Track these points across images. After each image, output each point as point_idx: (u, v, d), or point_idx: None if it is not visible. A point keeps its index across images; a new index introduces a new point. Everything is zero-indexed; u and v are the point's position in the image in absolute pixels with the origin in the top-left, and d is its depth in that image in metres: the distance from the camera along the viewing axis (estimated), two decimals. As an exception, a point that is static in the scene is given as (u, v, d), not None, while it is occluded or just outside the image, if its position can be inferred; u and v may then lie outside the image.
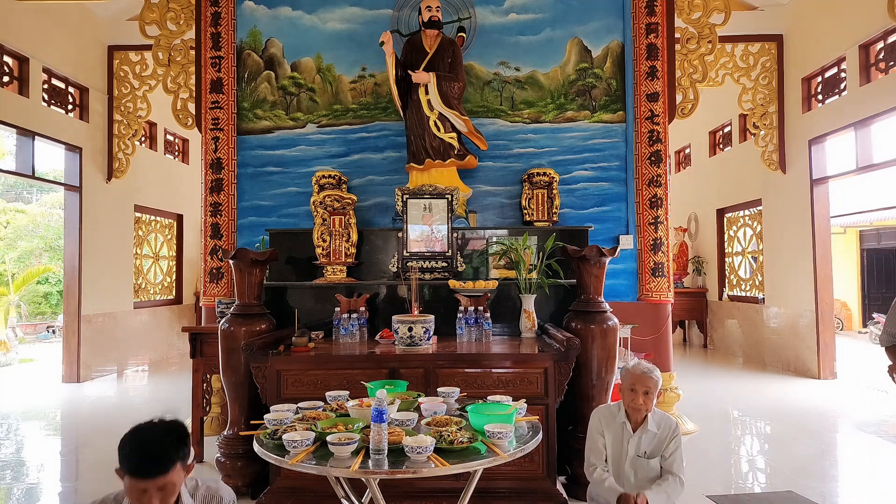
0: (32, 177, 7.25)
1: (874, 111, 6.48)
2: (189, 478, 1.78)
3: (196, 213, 5.79)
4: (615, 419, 2.77)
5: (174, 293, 10.38)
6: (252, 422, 2.74)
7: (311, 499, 3.21)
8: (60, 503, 3.97)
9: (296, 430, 2.17)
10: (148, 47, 6.67)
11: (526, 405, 2.66)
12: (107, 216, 8.19)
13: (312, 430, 2.16)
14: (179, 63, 5.84)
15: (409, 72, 5.02)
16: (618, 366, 3.99)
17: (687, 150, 11.43)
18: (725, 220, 10.20)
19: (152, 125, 9.53)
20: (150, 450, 1.62)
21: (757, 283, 9.20)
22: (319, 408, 2.53)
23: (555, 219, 5.06)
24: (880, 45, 6.52)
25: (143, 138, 9.20)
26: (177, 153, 10.50)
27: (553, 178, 5.10)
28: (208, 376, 4.65)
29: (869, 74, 6.66)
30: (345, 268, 4.57)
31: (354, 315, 4.06)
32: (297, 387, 3.46)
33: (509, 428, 2.18)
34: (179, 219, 10.39)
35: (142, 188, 9.03)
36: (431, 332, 3.68)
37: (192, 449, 1.75)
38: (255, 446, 2.19)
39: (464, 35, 5.39)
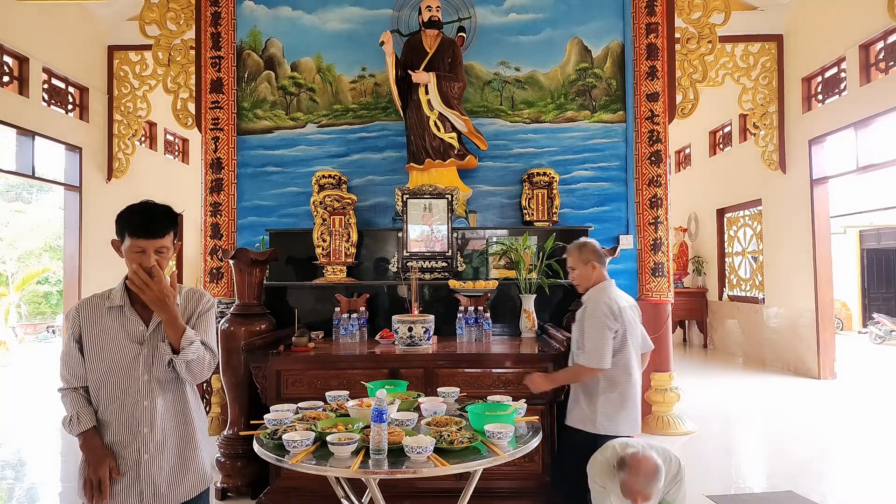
0: (32, 177, 7.24)
1: (874, 111, 6.48)
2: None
3: (196, 213, 5.79)
4: (614, 478, 2.61)
5: (174, 293, 10.37)
6: (252, 422, 2.74)
7: (311, 499, 3.21)
8: (60, 503, 3.98)
9: (296, 430, 2.17)
10: (148, 47, 6.67)
11: (526, 405, 2.66)
12: (107, 216, 8.16)
13: (312, 430, 2.15)
14: (179, 63, 5.84)
15: (409, 72, 5.02)
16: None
17: (687, 150, 11.43)
18: (725, 220, 10.20)
19: (152, 125, 9.52)
20: (151, 216, 1.93)
21: (757, 283, 9.20)
22: (319, 408, 2.53)
23: (555, 219, 5.06)
24: (880, 45, 6.52)
25: (143, 138, 9.20)
26: (177, 153, 10.50)
27: (553, 178, 5.09)
28: (208, 376, 4.65)
29: (869, 74, 6.65)
30: (345, 268, 4.57)
31: (354, 315, 4.06)
32: (297, 387, 3.45)
33: (509, 428, 2.18)
34: (179, 219, 10.39)
35: (142, 188, 9.01)
36: (431, 332, 3.68)
37: (179, 230, 2.04)
38: (255, 446, 2.19)
39: (464, 35, 5.39)
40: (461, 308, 4.04)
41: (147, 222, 1.91)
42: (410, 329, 3.56)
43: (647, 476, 2.41)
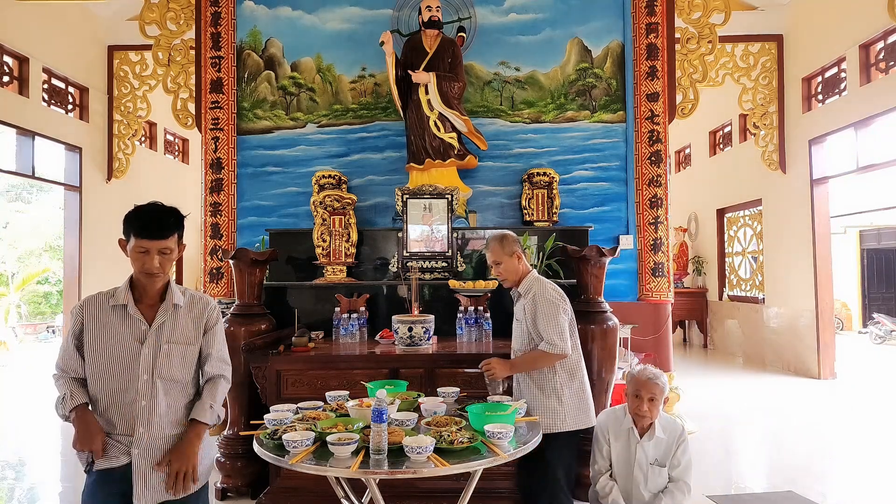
0: (32, 177, 7.24)
1: (874, 111, 6.48)
2: (181, 287, 2.09)
3: (196, 213, 5.78)
4: (622, 425, 2.77)
5: (174, 293, 10.36)
6: (252, 422, 2.74)
7: (311, 499, 3.21)
8: (60, 503, 3.98)
9: (296, 430, 2.17)
10: (148, 47, 6.67)
11: (526, 405, 2.66)
12: (107, 216, 8.18)
13: (312, 430, 2.15)
14: (179, 63, 5.84)
15: (409, 72, 5.02)
16: (618, 366, 3.99)
17: (687, 150, 11.43)
18: (725, 220, 10.20)
19: (152, 125, 9.53)
20: (157, 217, 1.94)
21: (757, 283, 9.20)
22: (319, 408, 2.53)
23: (555, 219, 5.06)
24: (880, 45, 6.52)
25: (143, 138, 9.20)
26: (177, 153, 10.50)
27: (553, 178, 5.09)
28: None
29: (869, 74, 6.65)
30: (345, 268, 4.57)
31: (354, 315, 4.05)
32: (297, 387, 3.45)
33: (509, 428, 2.18)
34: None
35: (142, 188, 9.02)
36: (431, 332, 3.68)
37: (184, 233, 2.03)
38: (255, 446, 2.19)
39: (464, 35, 5.39)
40: (461, 308, 4.04)
41: (152, 223, 1.92)
42: (410, 329, 3.56)
43: (652, 374, 2.72)
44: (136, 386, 1.92)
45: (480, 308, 4.01)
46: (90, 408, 1.96)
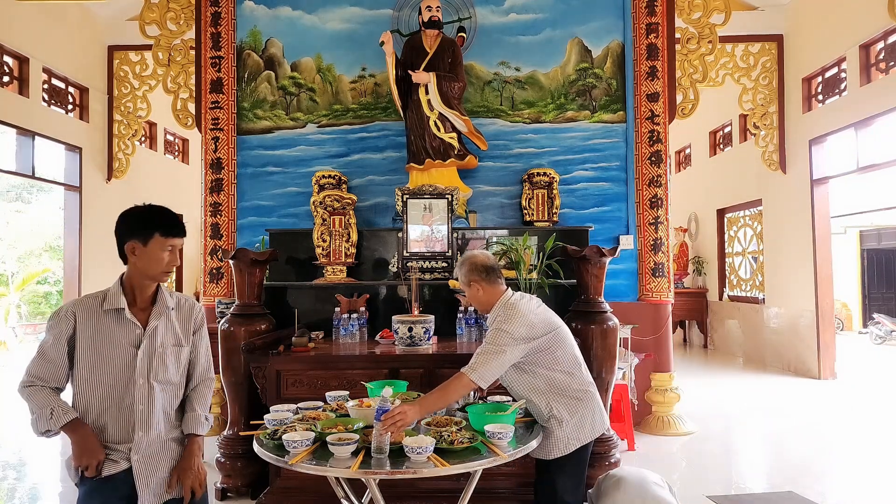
0: (32, 177, 7.24)
1: (874, 111, 6.47)
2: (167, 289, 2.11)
3: (196, 213, 5.79)
4: None
5: (174, 293, 10.36)
6: (252, 422, 2.74)
7: (311, 499, 3.21)
8: (60, 503, 3.98)
9: (296, 430, 2.17)
10: (148, 47, 6.66)
11: (526, 405, 2.66)
12: (107, 216, 8.17)
13: (312, 431, 2.15)
14: (179, 63, 5.84)
15: (410, 72, 5.02)
16: (618, 366, 3.99)
17: (687, 150, 11.43)
18: (726, 220, 10.20)
19: (152, 125, 9.52)
20: (175, 216, 2.01)
21: (757, 283, 9.20)
22: (319, 408, 2.53)
23: (555, 219, 5.06)
24: (880, 45, 6.52)
25: (143, 138, 9.19)
26: (177, 153, 10.49)
27: (553, 178, 5.09)
28: (208, 376, 4.65)
29: (869, 74, 6.65)
30: (345, 268, 4.57)
31: (354, 315, 4.05)
32: (297, 387, 3.45)
33: (509, 428, 2.18)
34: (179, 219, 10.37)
35: (142, 188, 9.02)
36: (431, 332, 3.68)
37: None
38: (255, 446, 2.19)
39: (464, 35, 5.39)
40: (461, 308, 4.03)
41: (176, 221, 1.99)
42: (410, 329, 3.56)
43: None
44: (133, 391, 1.91)
45: (480, 308, 4.00)
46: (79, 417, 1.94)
